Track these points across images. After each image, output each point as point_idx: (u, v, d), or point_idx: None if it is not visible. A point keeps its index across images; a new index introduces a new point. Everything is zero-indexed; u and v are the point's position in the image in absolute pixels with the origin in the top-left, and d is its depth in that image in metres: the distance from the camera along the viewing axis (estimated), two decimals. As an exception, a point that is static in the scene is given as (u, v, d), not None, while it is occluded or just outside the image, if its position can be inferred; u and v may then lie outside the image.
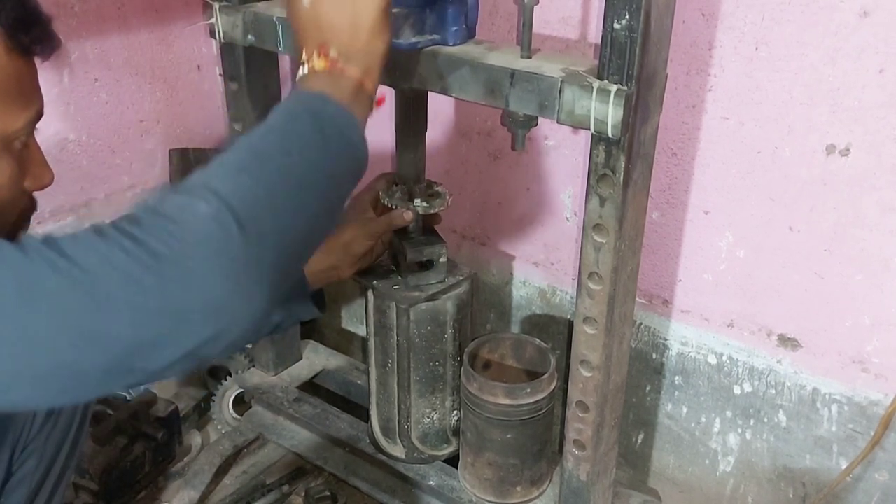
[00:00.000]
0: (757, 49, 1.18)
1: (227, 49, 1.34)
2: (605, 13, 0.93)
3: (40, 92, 0.87)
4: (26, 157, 0.87)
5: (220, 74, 1.74)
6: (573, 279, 1.51)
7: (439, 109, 1.53)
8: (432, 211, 1.29)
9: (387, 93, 1.49)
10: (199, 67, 1.76)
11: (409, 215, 1.28)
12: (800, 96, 1.17)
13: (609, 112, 0.95)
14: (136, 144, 1.69)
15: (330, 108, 0.81)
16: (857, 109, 1.14)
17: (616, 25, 0.93)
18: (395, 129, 1.27)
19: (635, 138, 0.99)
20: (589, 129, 0.98)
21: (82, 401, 0.70)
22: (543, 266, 1.56)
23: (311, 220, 0.77)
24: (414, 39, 1.07)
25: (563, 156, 1.44)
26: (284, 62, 1.44)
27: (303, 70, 0.87)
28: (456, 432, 1.43)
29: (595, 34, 1.29)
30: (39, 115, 0.87)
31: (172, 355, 0.67)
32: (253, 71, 1.35)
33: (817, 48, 1.13)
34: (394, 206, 1.28)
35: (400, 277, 1.34)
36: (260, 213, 0.70)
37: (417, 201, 1.28)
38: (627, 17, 0.91)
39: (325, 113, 0.81)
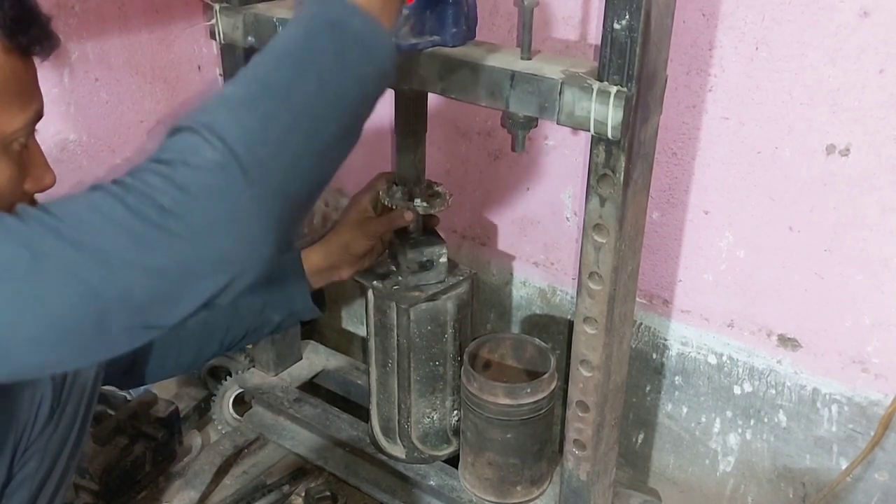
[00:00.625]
0: (757, 49, 1.18)
1: (227, 49, 1.34)
2: (605, 13, 0.93)
3: (40, 92, 0.86)
4: (26, 158, 0.87)
5: (220, 74, 1.74)
6: (573, 279, 1.51)
7: (439, 109, 1.53)
8: (432, 211, 1.29)
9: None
10: (199, 67, 1.76)
11: (409, 215, 1.28)
12: (800, 96, 1.17)
13: (609, 113, 0.95)
14: (137, 144, 1.69)
15: (357, 21, 0.74)
16: (857, 110, 1.14)
17: (616, 25, 0.93)
18: (395, 131, 1.27)
19: (635, 138, 0.99)
20: (589, 131, 0.98)
21: (107, 358, 0.70)
22: (543, 266, 1.56)
23: (325, 158, 0.73)
24: (413, 41, 1.07)
25: (563, 156, 1.44)
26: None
27: None
28: (456, 432, 1.43)
29: (595, 35, 1.29)
30: (39, 116, 0.86)
31: (187, 308, 0.67)
32: (253, 71, 1.36)
33: (817, 48, 1.13)
34: (394, 206, 1.28)
35: (400, 277, 1.34)
36: (269, 158, 0.67)
37: (417, 201, 1.28)
38: (627, 17, 0.91)
39: (352, 28, 0.74)
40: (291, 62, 0.72)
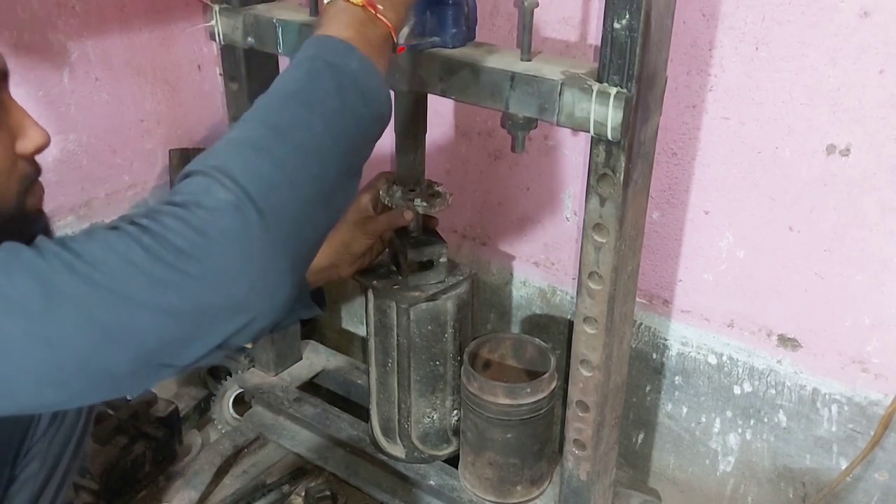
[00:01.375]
0: (757, 49, 1.18)
1: (227, 50, 1.34)
2: (605, 13, 0.93)
3: None
4: (8, 120, 0.84)
5: (220, 75, 1.74)
6: (573, 279, 1.51)
7: (439, 110, 1.53)
8: (433, 211, 1.29)
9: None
10: (199, 67, 1.77)
11: (409, 215, 1.28)
12: (800, 96, 1.17)
13: (609, 115, 0.95)
14: (137, 144, 1.69)
15: (354, 63, 0.76)
16: (857, 110, 1.14)
17: (616, 25, 0.93)
18: (395, 131, 1.27)
19: (635, 138, 0.99)
20: (589, 132, 0.98)
21: (113, 398, 0.69)
22: (543, 266, 1.56)
23: (332, 200, 0.74)
24: (414, 42, 1.07)
25: (563, 156, 1.44)
26: (285, 62, 1.44)
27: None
28: (456, 432, 1.43)
29: (595, 35, 1.29)
30: (3, 74, 0.82)
31: (201, 350, 0.67)
32: (253, 71, 1.35)
33: (817, 48, 1.13)
34: (393, 206, 1.28)
35: (400, 277, 1.34)
36: (281, 198, 0.67)
37: (418, 201, 1.28)
38: (627, 17, 0.91)
39: (349, 69, 0.75)
40: (296, 104, 0.73)
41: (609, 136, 0.96)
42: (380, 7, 0.82)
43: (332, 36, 0.78)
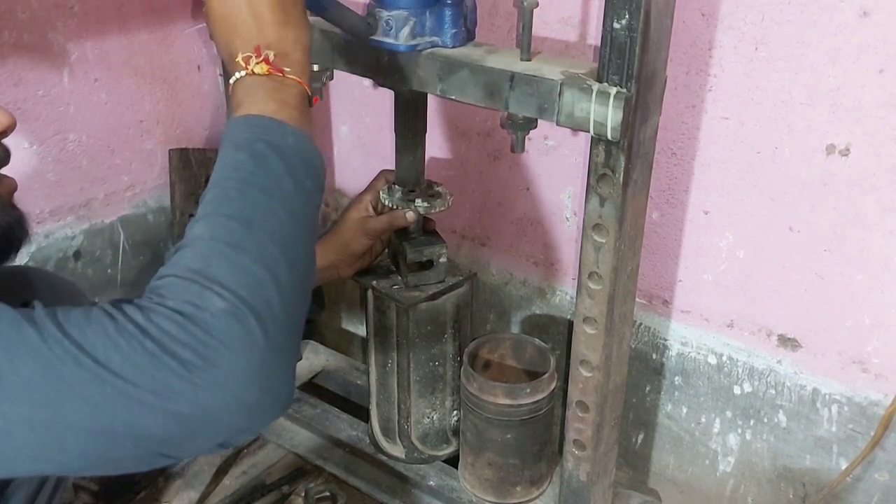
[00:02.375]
0: (757, 49, 1.18)
1: (226, 49, 1.34)
2: (604, 13, 0.93)
3: None
4: None
5: (220, 74, 1.74)
6: (573, 279, 1.51)
7: (439, 110, 1.53)
8: (433, 212, 1.29)
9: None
10: (199, 67, 1.76)
11: (411, 216, 1.28)
12: (799, 96, 1.17)
13: (609, 114, 0.95)
14: (136, 145, 1.69)
15: (290, 138, 0.76)
16: (856, 109, 1.14)
17: (616, 25, 0.93)
18: (395, 131, 1.27)
19: (635, 138, 0.99)
20: (588, 132, 0.98)
21: (112, 475, 0.70)
22: (543, 266, 1.56)
23: (305, 276, 0.74)
24: (412, 42, 1.07)
25: (563, 156, 1.44)
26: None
27: (238, 75, 0.80)
28: (456, 432, 1.43)
29: (595, 35, 1.29)
30: None
31: (203, 447, 0.67)
32: (253, 71, 1.35)
33: (817, 48, 1.13)
34: (394, 206, 1.28)
35: (400, 277, 1.34)
36: (270, 296, 0.67)
37: (418, 201, 1.28)
38: (627, 16, 0.91)
39: (287, 145, 0.76)
40: (255, 192, 0.72)
41: (609, 136, 0.96)
42: (286, 68, 0.81)
43: (259, 115, 0.77)
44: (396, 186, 1.30)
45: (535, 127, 1.07)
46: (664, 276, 1.42)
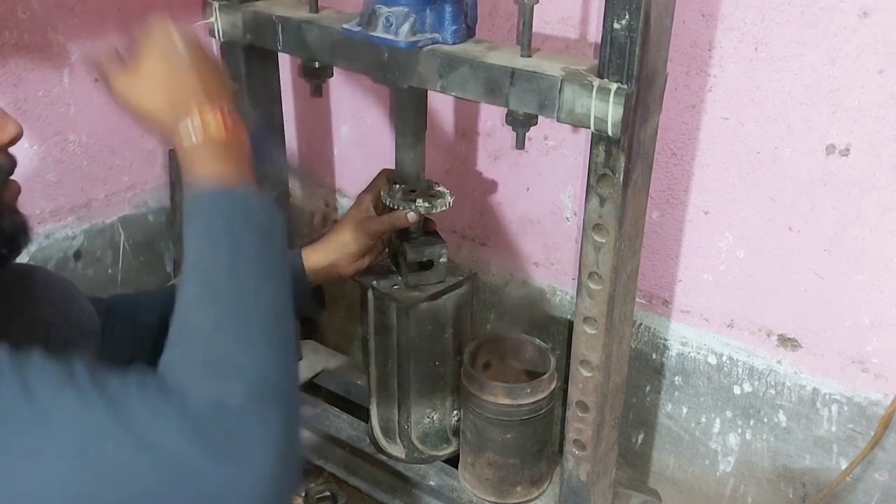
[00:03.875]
0: (757, 49, 1.18)
1: (227, 49, 1.34)
2: (604, 13, 0.93)
3: None
4: None
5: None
6: (573, 279, 1.51)
7: (439, 109, 1.53)
8: (434, 212, 1.29)
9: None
10: (199, 68, 1.76)
11: (412, 216, 1.27)
12: (799, 96, 1.17)
13: (609, 111, 0.95)
14: (136, 145, 1.69)
15: (255, 201, 0.79)
16: (856, 110, 1.14)
17: (616, 25, 0.93)
18: (395, 129, 1.27)
19: (635, 138, 0.99)
20: (589, 128, 0.98)
21: None
22: (543, 266, 1.56)
23: (291, 336, 0.76)
24: (413, 38, 1.07)
25: (563, 156, 1.44)
26: (284, 62, 1.44)
27: (193, 139, 0.81)
28: (456, 432, 1.43)
29: (595, 34, 1.29)
30: None
31: None
32: (253, 71, 1.35)
33: (817, 48, 1.13)
34: (395, 206, 1.28)
35: (400, 277, 1.34)
36: (279, 378, 0.70)
37: (419, 201, 1.27)
38: (627, 17, 0.91)
39: (256, 212, 0.78)
40: (243, 268, 0.75)
41: (609, 133, 0.96)
42: (229, 120, 0.83)
43: (219, 183, 0.79)
44: (397, 186, 1.30)
45: (536, 123, 1.07)
46: (664, 276, 1.42)
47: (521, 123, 1.06)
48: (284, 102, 1.45)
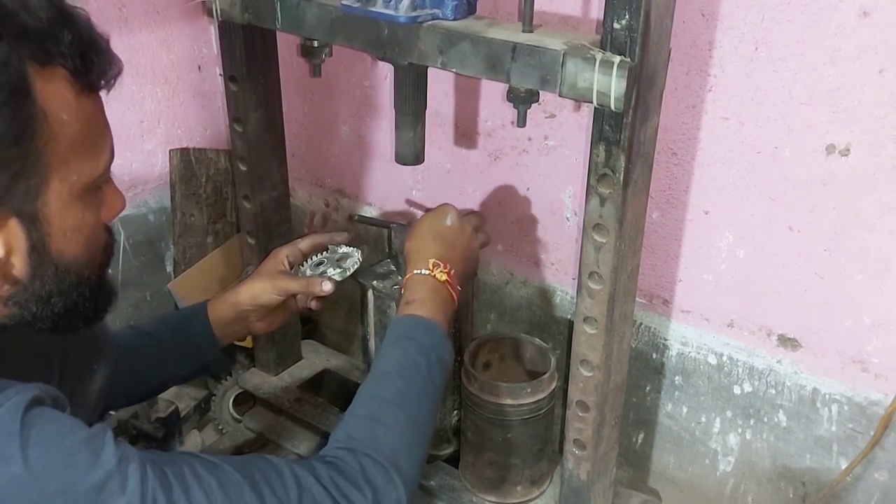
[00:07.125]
0: (757, 49, 1.18)
1: (227, 49, 1.33)
2: (604, 13, 0.93)
3: (108, 124, 0.82)
4: (104, 191, 0.84)
5: (220, 75, 1.74)
6: (573, 279, 1.51)
7: (439, 110, 1.53)
8: (349, 274, 1.29)
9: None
10: (199, 68, 1.77)
11: (328, 286, 1.24)
12: (799, 96, 1.17)
13: (612, 84, 0.93)
14: (137, 144, 1.69)
15: (445, 347, 1.10)
16: (856, 110, 1.14)
17: (616, 25, 0.93)
18: (394, 108, 1.24)
19: (635, 138, 0.99)
20: (591, 103, 0.96)
21: None
22: (543, 266, 1.56)
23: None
24: (413, 13, 1.06)
25: (564, 156, 1.44)
26: (285, 62, 1.44)
27: (419, 271, 1.15)
28: (456, 432, 1.43)
29: (597, 12, 1.28)
30: (113, 149, 0.82)
31: None
32: (253, 71, 1.35)
33: (817, 48, 1.13)
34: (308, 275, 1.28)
35: (400, 277, 1.34)
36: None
37: (330, 271, 1.28)
38: (627, 17, 0.91)
39: (443, 351, 1.09)
40: (432, 393, 1.05)
41: (612, 107, 0.95)
42: (451, 279, 1.16)
43: (432, 321, 1.11)
44: (309, 261, 1.30)
45: (538, 100, 1.05)
46: (664, 276, 1.42)
47: (522, 100, 1.04)
48: (285, 102, 1.45)
